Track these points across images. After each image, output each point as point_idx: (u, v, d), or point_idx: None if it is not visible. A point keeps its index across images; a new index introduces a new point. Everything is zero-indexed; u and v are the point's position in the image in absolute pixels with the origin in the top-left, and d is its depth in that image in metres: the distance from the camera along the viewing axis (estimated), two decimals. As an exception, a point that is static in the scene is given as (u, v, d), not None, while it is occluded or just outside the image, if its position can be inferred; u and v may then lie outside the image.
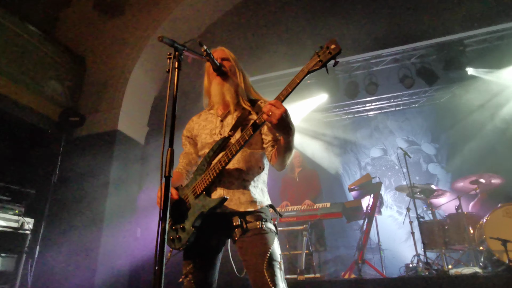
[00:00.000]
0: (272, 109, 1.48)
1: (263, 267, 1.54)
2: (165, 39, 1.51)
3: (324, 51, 1.48)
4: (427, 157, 6.97)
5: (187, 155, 1.99)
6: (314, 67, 1.50)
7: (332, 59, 1.47)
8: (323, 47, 1.49)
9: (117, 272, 4.71)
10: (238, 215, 1.67)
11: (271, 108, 1.48)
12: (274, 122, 1.48)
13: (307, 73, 1.51)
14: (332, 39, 1.48)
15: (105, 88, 5.44)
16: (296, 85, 1.51)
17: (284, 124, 1.50)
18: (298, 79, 1.51)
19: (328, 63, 1.49)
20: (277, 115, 1.47)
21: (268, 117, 1.49)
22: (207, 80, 1.96)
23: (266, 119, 1.50)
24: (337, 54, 1.46)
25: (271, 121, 1.49)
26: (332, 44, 1.46)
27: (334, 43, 1.46)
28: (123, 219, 4.97)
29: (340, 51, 1.45)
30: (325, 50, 1.48)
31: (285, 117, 1.49)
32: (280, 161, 1.72)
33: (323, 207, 4.41)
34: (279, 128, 1.52)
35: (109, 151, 4.99)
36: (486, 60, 5.53)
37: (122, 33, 5.64)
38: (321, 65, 1.49)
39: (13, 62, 4.50)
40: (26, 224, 3.64)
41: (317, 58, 1.49)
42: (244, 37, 5.51)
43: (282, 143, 1.63)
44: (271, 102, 1.50)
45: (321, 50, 1.49)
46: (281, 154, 1.69)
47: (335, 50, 1.45)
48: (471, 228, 4.25)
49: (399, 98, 6.92)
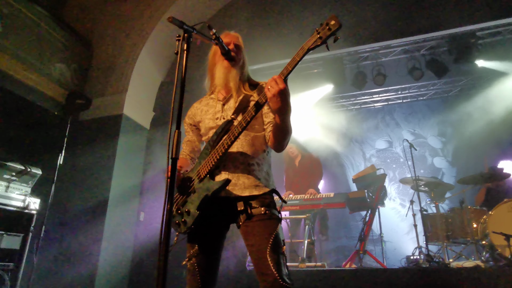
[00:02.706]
0: (272, 84, 1.49)
1: (266, 252, 1.55)
2: (175, 20, 1.50)
3: (323, 28, 1.45)
4: (432, 150, 6.92)
5: (190, 142, 2.00)
6: (314, 44, 1.48)
7: (332, 35, 1.44)
8: (322, 24, 1.46)
9: (121, 254, 4.78)
10: (243, 200, 1.67)
11: (271, 82, 1.49)
12: (270, 96, 1.49)
13: (307, 50, 1.49)
14: (332, 15, 1.44)
15: (111, 72, 5.43)
16: (296, 63, 1.50)
17: (281, 100, 1.50)
18: (298, 57, 1.50)
19: (329, 39, 1.46)
20: (276, 89, 1.48)
21: (267, 90, 1.50)
22: (212, 60, 1.93)
23: (266, 92, 1.51)
24: (337, 30, 1.42)
25: (268, 95, 1.50)
26: (332, 20, 1.43)
27: (334, 19, 1.43)
28: (127, 202, 5.02)
29: (340, 27, 1.41)
30: (324, 26, 1.45)
31: (282, 94, 1.49)
32: (276, 142, 1.72)
33: (327, 196, 4.42)
34: (275, 103, 1.52)
35: (114, 135, 5.01)
36: (498, 53, 5.42)
37: (130, 17, 5.60)
38: (321, 42, 1.46)
39: (19, 43, 4.50)
40: (32, 204, 3.68)
41: (317, 35, 1.47)
42: (254, 23, 5.44)
43: (277, 122, 1.63)
44: (274, 77, 1.50)
45: (320, 27, 1.47)
46: (275, 134, 1.69)
47: (335, 26, 1.42)
48: (474, 222, 4.23)
49: (407, 90, 6.84)
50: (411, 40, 5.55)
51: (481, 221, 4.13)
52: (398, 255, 5.12)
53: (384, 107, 7.32)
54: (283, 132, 1.66)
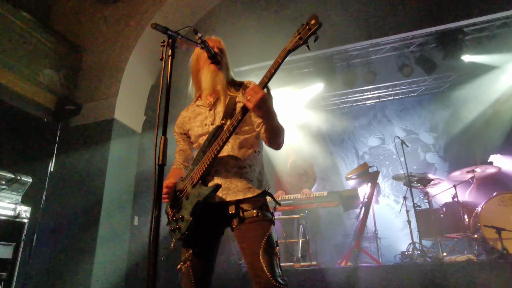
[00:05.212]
0: (251, 93, 1.51)
1: (259, 254, 1.56)
2: (158, 27, 1.50)
3: (304, 28, 1.46)
4: (425, 146, 6.98)
5: (183, 152, 1.99)
6: (295, 44, 1.48)
7: (312, 35, 1.45)
8: (303, 24, 1.47)
9: (115, 260, 4.75)
10: (235, 204, 1.68)
11: (249, 92, 1.52)
12: (251, 106, 1.52)
13: (287, 51, 1.50)
14: (312, 14, 1.45)
15: (101, 77, 5.38)
16: (279, 65, 1.51)
17: (262, 108, 1.53)
18: (280, 59, 1.51)
19: (309, 39, 1.47)
20: (255, 99, 1.50)
21: (248, 101, 1.52)
22: (195, 66, 1.93)
23: (246, 103, 1.53)
24: (317, 29, 1.43)
25: (250, 106, 1.52)
26: (312, 20, 1.44)
27: (314, 18, 1.44)
28: (121, 207, 4.99)
29: (320, 26, 1.42)
30: (305, 26, 1.46)
31: (262, 102, 1.51)
32: (271, 142, 1.76)
33: (320, 195, 4.43)
34: (257, 112, 1.56)
35: (106, 140, 4.97)
36: (485, 49, 5.49)
37: (118, 21, 5.56)
38: (302, 42, 1.47)
39: (7, 50, 4.44)
40: (23, 213, 3.64)
41: (298, 36, 1.47)
42: (239, 26, 5.44)
43: (266, 126, 1.69)
44: (251, 87, 1.53)
45: (301, 28, 1.48)
46: (268, 136, 1.73)
47: (315, 25, 1.43)
48: (467, 216, 4.28)
49: (398, 87, 6.89)
50: (400, 37, 5.60)
51: (473, 215, 4.17)
52: (393, 252, 5.15)
53: (376, 105, 7.36)
54: (274, 133, 1.70)
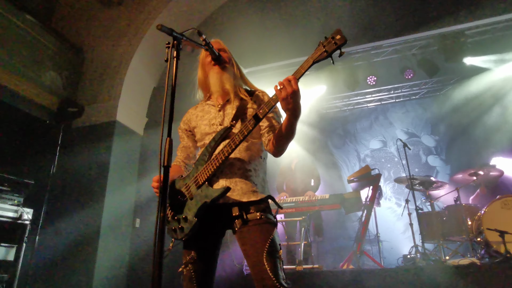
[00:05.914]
0: (285, 83, 1.49)
1: (262, 256, 1.55)
2: (164, 28, 1.50)
3: (329, 42, 1.48)
4: (426, 149, 6.96)
5: (185, 148, 1.98)
6: (319, 57, 1.50)
7: (338, 49, 1.47)
8: (327, 38, 1.49)
9: (117, 262, 4.74)
10: (238, 205, 1.67)
11: (285, 82, 1.49)
12: (282, 96, 1.49)
13: (312, 63, 1.51)
14: (337, 29, 1.48)
15: (103, 79, 5.40)
16: (301, 75, 1.52)
17: (293, 102, 1.50)
18: (303, 69, 1.51)
19: (333, 53, 1.49)
20: (289, 90, 1.48)
21: (279, 90, 1.50)
22: (202, 72, 1.94)
23: (276, 91, 1.51)
24: (342, 45, 1.46)
25: (280, 95, 1.49)
26: (337, 35, 1.47)
27: (340, 33, 1.46)
28: (123, 209, 4.98)
29: (346, 42, 1.45)
30: (330, 40, 1.48)
31: (295, 95, 1.49)
32: (278, 145, 1.71)
33: (322, 198, 4.42)
34: (286, 104, 1.51)
35: (108, 142, 4.98)
36: (487, 51, 5.49)
37: (121, 23, 5.58)
38: (326, 55, 1.49)
39: (10, 52, 4.46)
40: (25, 214, 3.65)
41: (322, 49, 1.49)
42: (245, 27, 5.45)
43: (285, 124, 1.61)
44: (288, 77, 1.51)
45: (326, 41, 1.49)
46: (278, 138, 1.68)
47: (341, 40, 1.46)
48: (469, 219, 4.26)
49: (399, 89, 6.89)
50: (402, 40, 5.60)
51: (476, 218, 4.16)
52: (395, 255, 5.12)
53: (378, 107, 7.35)
54: (288, 135, 1.65)
